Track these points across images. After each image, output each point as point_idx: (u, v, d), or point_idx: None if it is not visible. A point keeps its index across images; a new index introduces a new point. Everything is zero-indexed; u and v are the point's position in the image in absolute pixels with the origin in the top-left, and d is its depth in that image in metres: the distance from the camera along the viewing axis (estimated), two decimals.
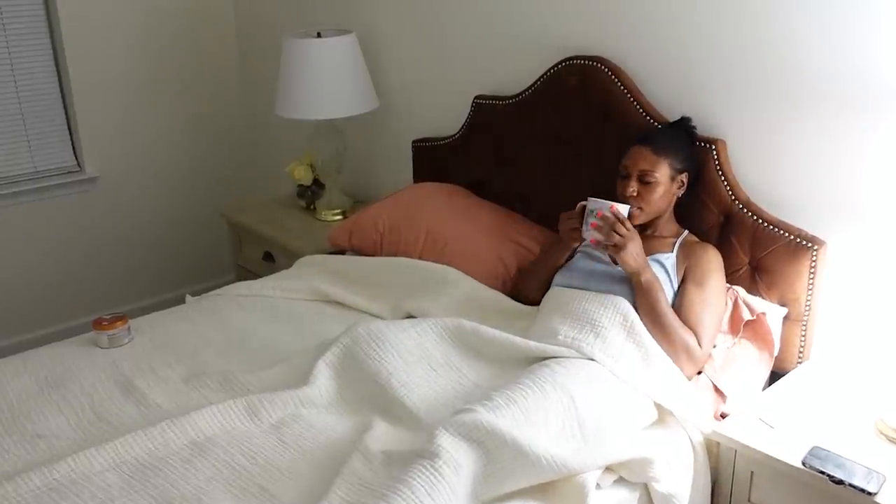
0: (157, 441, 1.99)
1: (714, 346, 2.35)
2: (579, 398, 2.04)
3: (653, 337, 2.26)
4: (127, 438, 1.98)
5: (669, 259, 2.42)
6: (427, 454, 1.80)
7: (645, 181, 2.41)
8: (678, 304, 2.35)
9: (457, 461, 1.80)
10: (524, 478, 1.85)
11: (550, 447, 1.88)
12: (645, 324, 2.28)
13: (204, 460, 1.94)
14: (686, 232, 2.52)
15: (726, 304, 2.40)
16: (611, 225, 2.30)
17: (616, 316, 2.29)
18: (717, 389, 2.32)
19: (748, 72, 2.46)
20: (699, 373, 2.32)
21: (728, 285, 2.44)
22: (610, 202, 2.33)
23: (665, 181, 2.42)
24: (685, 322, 2.30)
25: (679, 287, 2.39)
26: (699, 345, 2.28)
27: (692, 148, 2.52)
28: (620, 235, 2.29)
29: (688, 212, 2.55)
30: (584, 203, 2.38)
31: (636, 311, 2.31)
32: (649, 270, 2.32)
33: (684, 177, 2.47)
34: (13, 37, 3.81)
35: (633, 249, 2.30)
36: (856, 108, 2.26)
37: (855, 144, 2.29)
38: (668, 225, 2.52)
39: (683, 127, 2.55)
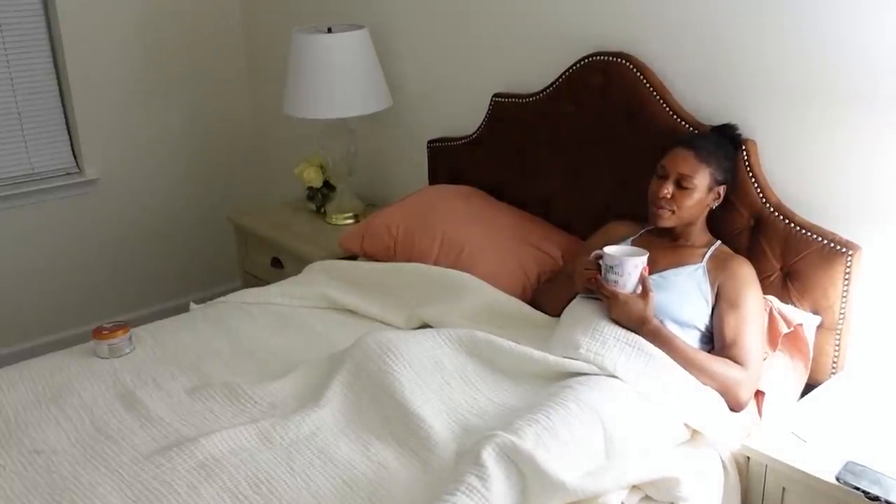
0: (164, 467, 2.00)
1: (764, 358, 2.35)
2: (607, 417, 2.05)
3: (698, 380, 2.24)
4: (135, 469, 2.01)
5: (698, 270, 2.42)
6: (456, 492, 1.80)
7: (682, 186, 2.41)
8: (716, 328, 2.35)
9: (487, 499, 1.80)
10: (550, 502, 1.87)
11: (576, 472, 1.90)
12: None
13: (209, 487, 1.94)
14: (718, 242, 2.52)
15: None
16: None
17: None
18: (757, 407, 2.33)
19: (781, 69, 2.47)
20: None
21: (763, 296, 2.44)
22: (623, 257, 2.32)
23: (702, 189, 2.42)
24: (728, 346, 2.30)
25: (714, 307, 2.39)
26: (746, 366, 2.26)
27: (735, 161, 2.52)
28: (605, 297, 2.33)
29: (717, 214, 2.55)
30: (599, 253, 2.38)
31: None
32: (649, 323, 2.29)
33: (722, 189, 2.47)
34: (10, 34, 3.85)
35: (620, 312, 2.31)
36: (894, 108, 2.27)
37: (893, 145, 2.30)
38: (699, 235, 2.52)
39: (729, 135, 2.54)
